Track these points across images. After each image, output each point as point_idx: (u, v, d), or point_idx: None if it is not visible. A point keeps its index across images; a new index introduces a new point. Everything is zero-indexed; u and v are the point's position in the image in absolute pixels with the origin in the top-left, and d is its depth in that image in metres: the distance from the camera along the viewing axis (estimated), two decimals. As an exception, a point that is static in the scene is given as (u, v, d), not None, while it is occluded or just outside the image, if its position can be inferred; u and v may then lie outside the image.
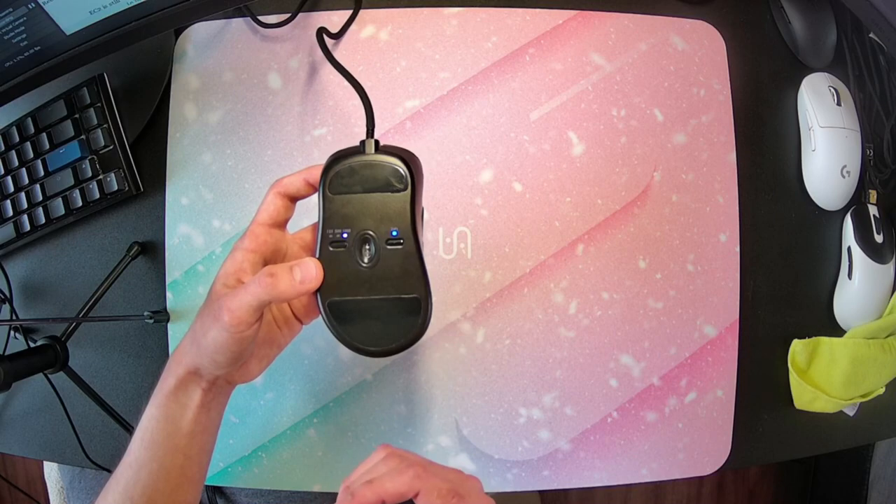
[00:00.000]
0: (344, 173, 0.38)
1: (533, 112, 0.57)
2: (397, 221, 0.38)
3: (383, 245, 0.38)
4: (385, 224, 0.38)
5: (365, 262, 0.38)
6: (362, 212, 0.38)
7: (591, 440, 0.57)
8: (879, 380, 0.58)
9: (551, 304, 0.57)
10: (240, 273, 0.39)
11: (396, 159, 0.38)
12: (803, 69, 0.60)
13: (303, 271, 0.37)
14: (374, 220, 0.38)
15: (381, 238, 0.38)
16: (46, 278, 0.60)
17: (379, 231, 0.38)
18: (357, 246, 0.38)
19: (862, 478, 1.04)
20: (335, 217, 0.38)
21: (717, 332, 0.58)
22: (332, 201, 0.38)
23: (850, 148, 0.58)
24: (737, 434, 0.58)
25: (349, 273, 0.38)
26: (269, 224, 0.40)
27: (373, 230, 0.38)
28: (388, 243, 0.38)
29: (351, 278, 0.38)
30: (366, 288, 0.38)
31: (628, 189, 0.57)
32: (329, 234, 0.38)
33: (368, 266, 0.38)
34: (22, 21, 0.42)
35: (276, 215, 0.40)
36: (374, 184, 0.38)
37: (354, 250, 0.38)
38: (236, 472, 0.57)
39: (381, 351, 0.39)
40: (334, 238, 0.38)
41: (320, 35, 0.52)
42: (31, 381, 0.59)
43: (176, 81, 0.58)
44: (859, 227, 0.58)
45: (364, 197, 0.38)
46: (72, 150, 0.56)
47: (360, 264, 0.38)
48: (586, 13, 0.58)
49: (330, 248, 0.38)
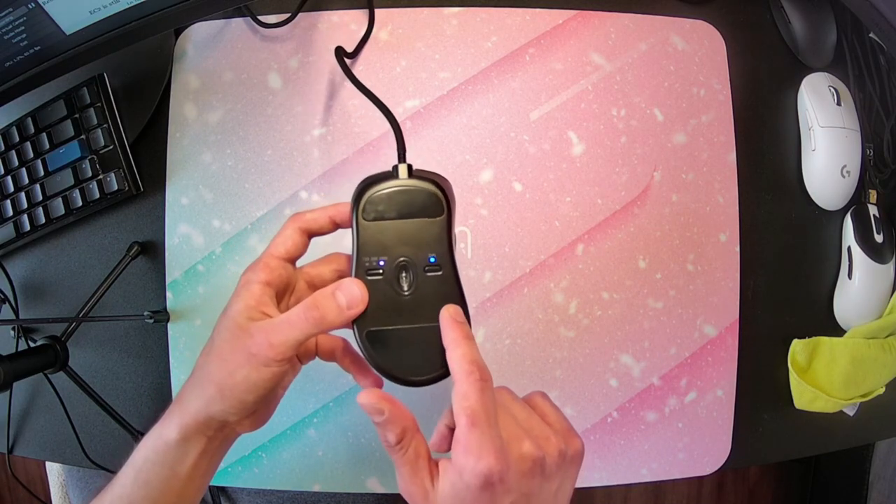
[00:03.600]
0: (377, 199, 0.37)
1: (533, 112, 0.57)
2: (435, 248, 0.37)
3: (422, 272, 0.37)
4: (423, 251, 0.37)
5: (404, 290, 0.37)
6: (399, 238, 0.37)
7: (591, 440, 0.57)
8: (879, 380, 0.58)
9: (551, 303, 0.57)
10: (262, 306, 0.37)
11: (431, 185, 0.38)
12: (803, 69, 0.60)
13: (347, 296, 0.36)
14: (412, 247, 0.37)
15: (420, 265, 0.37)
16: (46, 278, 0.60)
17: (417, 258, 0.37)
18: (395, 273, 0.37)
19: (862, 478, 1.04)
20: (371, 244, 0.37)
21: (717, 331, 0.58)
22: (367, 228, 0.37)
23: (850, 148, 0.58)
24: (737, 434, 0.58)
25: (387, 301, 0.37)
26: (284, 258, 0.39)
27: (411, 257, 0.37)
28: (427, 270, 0.37)
29: (389, 307, 0.37)
30: (405, 316, 0.37)
31: (628, 189, 0.57)
32: (365, 262, 0.37)
33: (408, 294, 0.37)
34: (22, 21, 0.42)
35: (293, 250, 0.39)
36: (409, 210, 0.37)
37: (392, 278, 0.37)
38: (236, 472, 0.57)
39: (424, 380, 0.38)
40: (371, 266, 0.37)
41: (340, 56, 0.51)
42: (31, 381, 0.59)
43: (176, 81, 0.58)
44: (859, 226, 0.58)
45: (400, 223, 0.37)
46: (72, 150, 0.56)
47: (399, 293, 0.37)
48: (586, 13, 0.58)
49: (367, 276, 0.37)
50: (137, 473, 0.38)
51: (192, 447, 0.38)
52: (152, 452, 0.38)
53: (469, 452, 0.33)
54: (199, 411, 0.37)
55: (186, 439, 0.37)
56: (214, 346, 0.37)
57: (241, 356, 0.36)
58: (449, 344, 0.36)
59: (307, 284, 0.41)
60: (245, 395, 0.36)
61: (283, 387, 0.42)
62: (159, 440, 0.38)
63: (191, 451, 0.38)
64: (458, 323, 0.36)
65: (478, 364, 0.35)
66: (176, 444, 0.37)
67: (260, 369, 0.35)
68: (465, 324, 0.37)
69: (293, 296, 0.40)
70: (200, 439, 0.38)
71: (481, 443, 0.33)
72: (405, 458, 0.35)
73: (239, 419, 0.38)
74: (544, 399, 0.39)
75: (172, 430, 0.37)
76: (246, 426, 0.40)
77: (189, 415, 0.37)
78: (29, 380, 0.54)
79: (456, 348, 0.35)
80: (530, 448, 0.35)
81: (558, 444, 0.36)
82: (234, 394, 0.36)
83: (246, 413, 0.37)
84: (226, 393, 0.36)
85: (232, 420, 0.37)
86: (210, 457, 0.39)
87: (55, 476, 0.77)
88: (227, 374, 0.36)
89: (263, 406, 0.39)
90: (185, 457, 0.38)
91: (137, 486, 0.38)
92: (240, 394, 0.36)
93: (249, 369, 0.35)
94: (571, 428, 0.38)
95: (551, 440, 0.36)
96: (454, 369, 0.35)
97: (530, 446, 0.35)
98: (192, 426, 0.37)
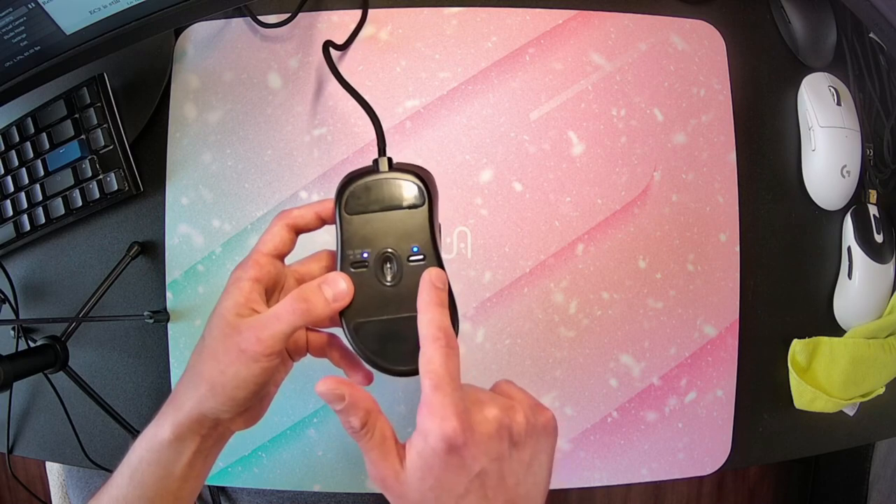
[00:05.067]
0: (359, 193, 0.38)
1: (533, 112, 0.57)
2: (418, 238, 0.38)
3: (405, 262, 0.38)
4: (405, 241, 0.38)
5: (388, 280, 0.38)
6: (382, 230, 0.38)
7: (591, 440, 0.57)
8: (879, 379, 0.58)
9: (551, 303, 0.57)
10: (251, 303, 0.37)
11: (412, 176, 0.38)
12: (803, 69, 0.60)
13: (333, 288, 0.37)
14: (395, 238, 0.38)
15: (403, 255, 0.38)
16: (46, 278, 0.60)
17: (400, 248, 0.38)
18: (378, 265, 0.38)
19: (862, 478, 1.04)
20: (355, 237, 0.38)
21: (717, 331, 0.58)
22: (350, 222, 0.38)
23: (850, 148, 0.58)
24: (737, 434, 0.58)
25: (373, 293, 0.38)
26: (273, 255, 0.39)
27: (394, 248, 0.38)
28: (410, 260, 0.38)
29: (375, 298, 0.38)
30: (391, 307, 0.38)
31: (628, 189, 0.57)
32: (349, 255, 0.38)
33: (392, 285, 0.38)
34: (22, 21, 0.42)
35: (280, 247, 0.39)
36: (390, 202, 0.38)
37: (376, 270, 0.38)
38: (236, 472, 0.57)
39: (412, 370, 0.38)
40: (355, 259, 0.38)
41: (326, 50, 0.52)
42: (31, 381, 0.59)
43: (176, 81, 0.58)
44: (859, 226, 0.58)
45: (382, 215, 0.38)
46: (72, 150, 0.56)
47: (384, 283, 0.38)
48: (586, 13, 0.58)
49: (351, 269, 0.38)
50: (133, 473, 0.38)
51: (186, 446, 0.38)
52: (147, 452, 0.38)
53: (433, 414, 0.33)
54: (191, 410, 0.37)
55: (180, 438, 0.37)
56: (205, 344, 0.37)
57: (231, 353, 0.36)
58: (420, 306, 0.36)
59: (297, 282, 0.41)
60: (236, 392, 0.36)
61: (276, 384, 0.42)
62: (154, 440, 0.37)
63: (185, 450, 0.38)
64: (435, 288, 0.36)
65: (445, 331, 0.35)
66: (170, 443, 0.37)
67: (250, 365, 0.35)
68: (441, 289, 0.37)
69: (283, 293, 0.41)
70: (194, 438, 0.38)
71: (444, 404, 0.33)
72: (372, 443, 0.35)
73: (232, 417, 0.38)
74: (509, 383, 0.40)
75: (166, 430, 0.37)
76: (239, 424, 0.39)
77: (182, 413, 0.37)
78: (29, 380, 0.55)
79: (426, 312, 0.36)
80: (494, 411, 0.35)
81: (524, 412, 0.36)
82: (225, 391, 0.36)
83: (238, 410, 0.37)
84: (217, 390, 0.36)
85: (225, 418, 0.37)
86: (205, 456, 0.39)
87: (55, 476, 0.77)
88: (218, 371, 0.36)
89: (256, 403, 0.39)
90: (180, 456, 0.38)
91: (133, 486, 0.38)
92: (231, 391, 0.36)
93: (240, 366, 0.35)
94: (539, 403, 0.38)
95: (516, 408, 0.36)
96: (422, 333, 0.35)
97: (494, 410, 0.35)
98: (185, 425, 0.37)
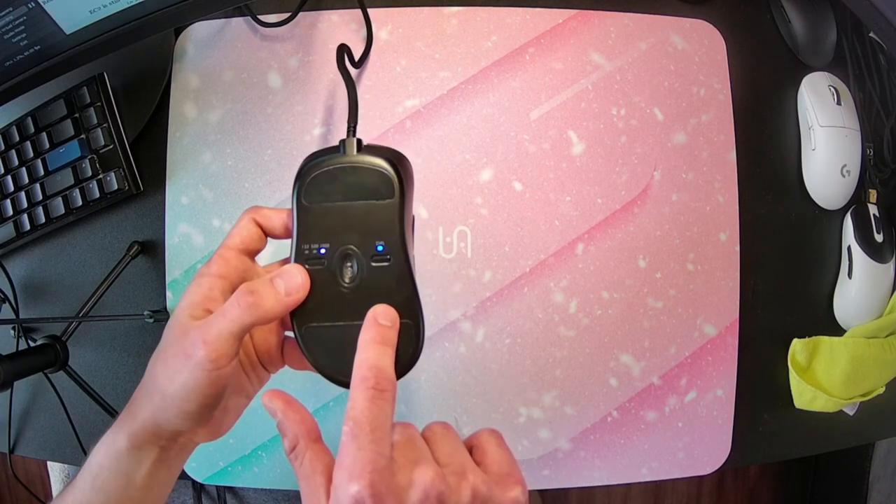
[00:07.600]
0: (321, 179, 0.34)
1: (533, 111, 0.57)
2: (383, 234, 0.33)
3: (367, 262, 0.33)
4: (369, 238, 0.33)
5: (346, 281, 0.33)
6: (343, 224, 0.34)
7: (591, 439, 0.57)
8: (880, 379, 0.58)
9: (551, 303, 0.57)
10: (208, 302, 0.33)
11: (382, 160, 0.34)
12: (803, 68, 0.60)
13: (287, 281, 0.33)
14: (357, 234, 0.33)
15: (365, 254, 0.33)
16: (46, 278, 0.60)
17: (362, 246, 0.33)
18: (337, 263, 0.34)
19: (862, 478, 1.04)
20: (312, 230, 0.34)
21: (717, 331, 0.58)
22: (308, 212, 0.34)
23: (850, 147, 0.58)
24: (737, 433, 0.58)
25: (328, 295, 0.34)
26: (240, 249, 0.35)
27: (355, 245, 0.33)
28: (374, 260, 0.33)
29: (331, 301, 0.34)
30: (347, 313, 0.33)
31: (628, 188, 0.57)
32: (305, 250, 0.34)
33: (350, 286, 0.33)
34: (22, 20, 0.42)
35: (248, 241, 0.36)
36: (356, 191, 0.34)
37: (334, 268, 0.34)
38: (236, 472, 0.57)
39: None
40: (311, 254, 0.34)
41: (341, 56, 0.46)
42: (31, 381, 0.59)
43: (176, 81, 0.58)
44: (859, 226, 0.58)
45: (345, 206, 0.34)
46: (72, 150, 0.56)
47: (341, 284, 0.34)
48: (586, 12, 0.58)
49: (306, 266, 0.34)
50: (94, 479, 0.35)
51: (144, 455, 0.35)
52: (106, 459, 0.35)
53: (342, 468, 0.28)
54: (146, 420, 0.34)
55: (138, 448, 0.34)
56: (160, 348, 0.34)
57: (178, 359, 0.32)
58: (359, 344, 0.32)
59: None
60: (184, 404, 0.32)
61: (246, 395, 0.38)
62: (112, 447, 0.35)
63: (144, 459, 0.35)
64: (379, 325, 0.32)
65: (377, 370, 0.30)
66: (127, 452, 0.34)
67: (195, 373, 0.31)
68: (388, 326, 0.32)
69: None
70: (153, 448, 0.35)
71: (356, 460, 0.28)
72: (301, 472, 0.31)
73: (191, 428, 0.34)
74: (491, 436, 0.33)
75: (122, 439, 0.34)
76: (201, 436, 0.36)
77: (137, 423, 0.34)
78: (29, 380, 0.55)
79: (361, 352, 0.31)
80: (427, 477, 0.28)
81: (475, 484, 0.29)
82: (174, 402, 0.32)
83: (195, 422, 0.34)
84: (167, 401, 0.33)
85: (184, 429, 0.34)
86: (168, 465, 0.36)
87: (57, 475, 0.77)
88: (167, 379, 0.33)
89: (220, 414, 0.36)
90: (139, 465, 0.35)
91: (94, 491, 0.35)
92: (179, 402, 0.32)
93: (186, 373, 0.32)
94: (514, 474, 0.31)
95: (467, 477, 0.30)
96: (353, 373, 0.31)
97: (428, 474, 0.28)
98: (141, 435, 0.34)
